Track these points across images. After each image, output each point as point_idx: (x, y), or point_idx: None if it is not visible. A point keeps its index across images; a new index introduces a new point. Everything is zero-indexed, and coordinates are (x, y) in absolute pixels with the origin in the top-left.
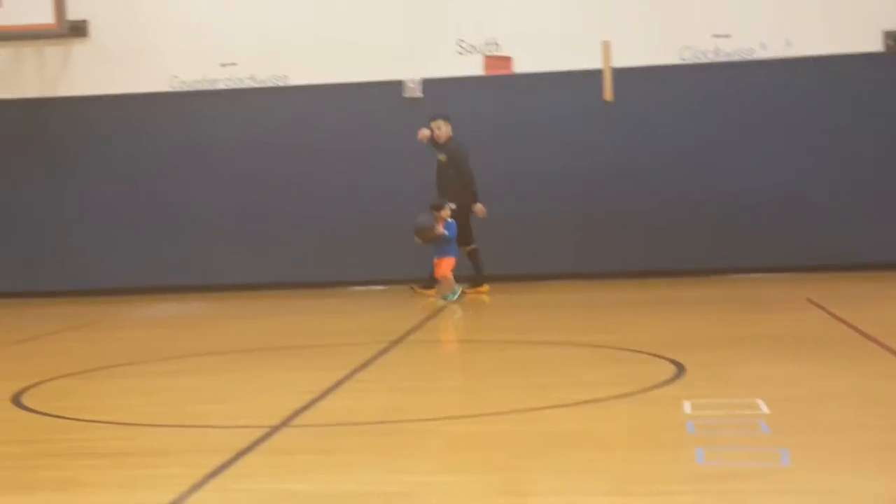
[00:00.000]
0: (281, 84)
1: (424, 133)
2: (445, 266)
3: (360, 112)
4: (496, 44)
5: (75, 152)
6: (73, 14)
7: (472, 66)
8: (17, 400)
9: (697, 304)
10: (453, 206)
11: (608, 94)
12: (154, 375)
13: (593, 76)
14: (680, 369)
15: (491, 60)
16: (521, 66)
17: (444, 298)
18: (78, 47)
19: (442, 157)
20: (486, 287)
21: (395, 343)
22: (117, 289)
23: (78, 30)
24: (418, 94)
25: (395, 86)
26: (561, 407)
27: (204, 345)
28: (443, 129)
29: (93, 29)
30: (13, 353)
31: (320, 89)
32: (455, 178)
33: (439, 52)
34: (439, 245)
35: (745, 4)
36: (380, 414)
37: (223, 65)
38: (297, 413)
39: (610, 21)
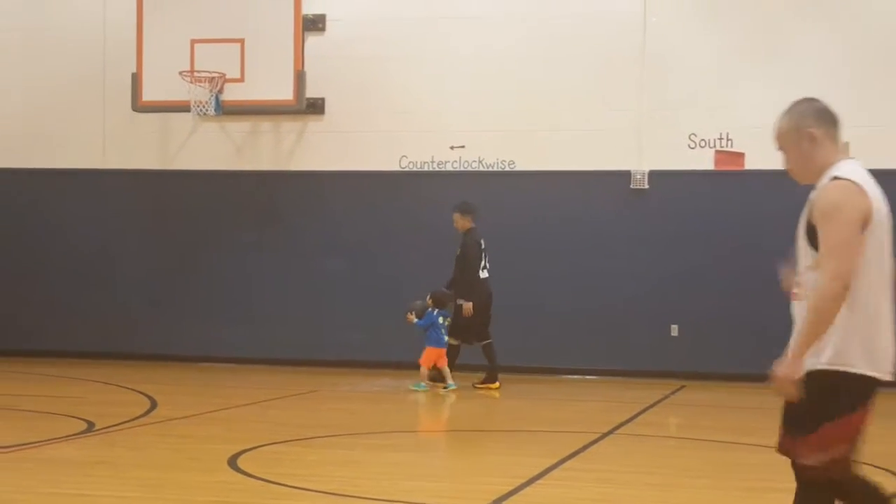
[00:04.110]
0: (508, 169)
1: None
2: (427, 355)
3: (586, 200)
4: (729, 139)
5: (303, 225)
6: (311, 92)
7: (702, 161)
8: (233, 462)
9: None
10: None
11: None
12: (367, 448)
13: None
14: None
15: (722, 156)
16: (753, 162)
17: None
18: (313, 124)
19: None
20: (497, 384)
21: (604, 434)
22: (334, 361)
23: (315, 107)
24: (644, 185)
25: (623, 176)
26: None
27: (417, 421)
28: (458, 222)
29: (329, 107)
30: (232, 416)
31: (546, 175)
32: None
33: (669, 145)
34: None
35: None
36: None
37: (452, 147)
38: (503, 497)
39: (853, 120)
